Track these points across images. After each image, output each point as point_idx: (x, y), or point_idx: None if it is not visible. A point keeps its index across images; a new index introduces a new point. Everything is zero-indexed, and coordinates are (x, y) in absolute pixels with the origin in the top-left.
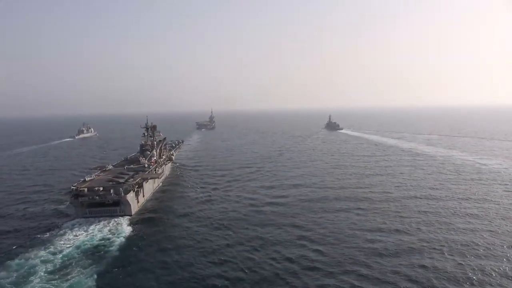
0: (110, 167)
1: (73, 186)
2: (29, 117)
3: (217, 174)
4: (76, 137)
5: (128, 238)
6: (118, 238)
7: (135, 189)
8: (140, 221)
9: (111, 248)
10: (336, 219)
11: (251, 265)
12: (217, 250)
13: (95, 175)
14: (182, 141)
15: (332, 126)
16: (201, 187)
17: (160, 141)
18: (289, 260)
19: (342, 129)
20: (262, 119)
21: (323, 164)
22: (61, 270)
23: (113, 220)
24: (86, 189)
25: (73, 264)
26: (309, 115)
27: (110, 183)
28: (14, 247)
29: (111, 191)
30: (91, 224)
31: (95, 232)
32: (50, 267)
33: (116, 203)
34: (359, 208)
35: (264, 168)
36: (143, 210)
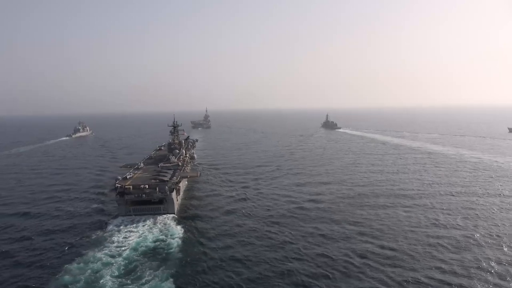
0: (142, 165)
1: (117, 184)
2: (16, 116)
3: (239, 172)
4: (73, 136)
5: (184, 238)
6: (173, 239)
7: (177, 188)
8: (186, 219)
9: (171, 250)
10: (387, 215)
11: (328, 262)
12: (283, 247)
13: (132, 173)
14: (197, 140)
15: (330, 125)
16: (229, 186)
17: (185, 140)
18: (363, 256)
19: (340, 128)
20: (259, 119)
21: (341, 162)
22: (130, 274)
23: (157, 219)
24: (131, 187)
25: (140, 267)
26: (301, 115)
27: (153, 181)
28: (66, 248)
29: (157, 189)
30: (136, 224)
31: (145, 233)
32: (115, 271)
33: (160, 201)
34: (404, 205)
35: (284, 166)
36: (183, 208)
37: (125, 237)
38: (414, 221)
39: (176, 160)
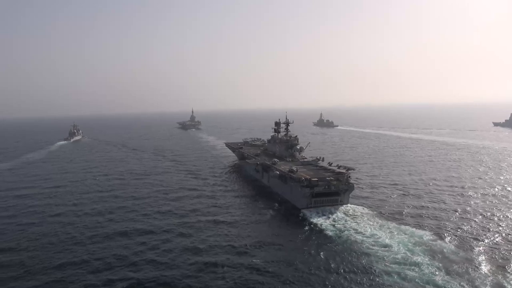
0: (276, 160)
1: (303, 177)
2: None
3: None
4: (71, 140)
5: (422, 230)
6: (422, 237)
7: None
8: (373, 209)
9: (443, 247)
10: None
11: None
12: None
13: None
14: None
15: (326, 123)
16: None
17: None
18: None
19: (337, 126)
20: (239, 118)
21: (414, 159)
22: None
23: (339, 210)
24: (317, 179)
25: (462, 276)
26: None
27: (326, 173)
28: (314, 261)
29: (340, 180)
30: (334, 219)
31: (378, 232)
32: (426, 278)
33: (338, 193)
34: None
35: (374, 163)
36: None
37: (375, 247)
38: None
39: (300, 156)
